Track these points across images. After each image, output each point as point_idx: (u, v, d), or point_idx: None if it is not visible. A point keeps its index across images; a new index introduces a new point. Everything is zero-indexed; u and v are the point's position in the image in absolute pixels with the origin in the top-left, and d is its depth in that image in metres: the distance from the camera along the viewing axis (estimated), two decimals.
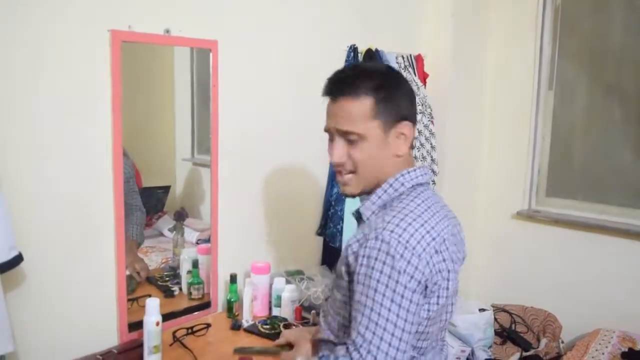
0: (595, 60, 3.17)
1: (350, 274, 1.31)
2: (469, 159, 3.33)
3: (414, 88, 2.79)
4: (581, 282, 3.11)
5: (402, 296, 1.21)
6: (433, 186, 2.90)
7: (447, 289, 1.30)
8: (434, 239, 1.27)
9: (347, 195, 1.43)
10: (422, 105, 2.83)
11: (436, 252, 1.27)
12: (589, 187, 3.20)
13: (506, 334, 2.98)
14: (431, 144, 2.86)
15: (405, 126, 1.35)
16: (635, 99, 3.01)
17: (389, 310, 1.21)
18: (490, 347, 2.84)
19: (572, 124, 3.25)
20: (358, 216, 1.41)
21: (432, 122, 2.88)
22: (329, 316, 1.42)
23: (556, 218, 3.20)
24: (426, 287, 1.25)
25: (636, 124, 3.00)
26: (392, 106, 1.34)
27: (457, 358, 2.73)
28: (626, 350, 2.62)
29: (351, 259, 1.30)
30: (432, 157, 2.86)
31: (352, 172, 1.37)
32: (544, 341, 2.92)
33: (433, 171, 2.86)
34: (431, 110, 2.88)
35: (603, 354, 2.62)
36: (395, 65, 2.77)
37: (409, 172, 1.36)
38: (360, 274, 1.26)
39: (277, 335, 2.02)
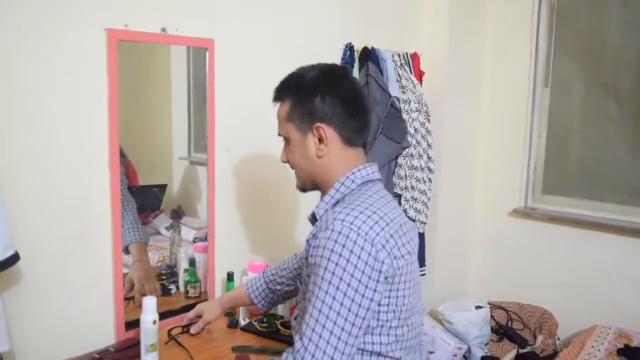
0: (591, 58, 3.18)
1: (307, 268, 1.33)
2: (465, 157, 3.33)
3: (410, 86, 2.80)
4: (577, 279, 3.12)
5: (356, 286, 1.22)
6: (430, 183, 2.91)
7: (410, 273, 1.33)
8: (387, 224, 1.29)
9: (299, 190, 1.55)
10: (419, 103, 2.83)
11: (391, 236, 1.29)
12: (585, 185, 3.21)
13: (502, 331, 2.99)
14: (427, 141, 2.86)
15: (318, 128, 1.38)
16: (630, 97, 3.02)
17: (341, 304, 1.22)
18: (486, 344, 2.85)
19: (568, 122, 3.26)
20: (312, 218, 1.45)
21: (428, 120, 2.88)
22: (299, 317, 1.43)
23: (552, 215, 3.21)
24: (380, 272, 1.25)
25: (632, 122, 3.01)
26: (305, 108, 1.40)
27: (453, 355, 2.74)
28: (622, 347, 2.63)
29: (306, 253, 1.33)
30: (428, 155, 2.86)
31: (294, 169, 1.50)
32: (540, 338, 2.93)
33: (429, 169, 2.86)
34: (427, 108, 2.88)
35: (599, 350, 2.63)
36: (391, 64, 2.77)
37: (359, 170, 1.40)
38: (311, 265, 1.28)
39: (274, 333, 2.03)
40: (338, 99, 1.40)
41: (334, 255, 1.23)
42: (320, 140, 1.40)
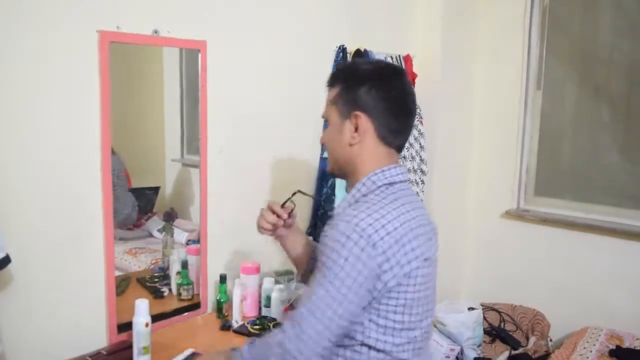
0: (583, 61, 3.20)
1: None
2: (457, 159, 3.34)
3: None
4: (569, 280, 3.13)
5: (350, 283, 1.26)
6: (422, 185, 2.92)
7: (422, 277, 1.34)
8: (395, 229, 1.30)
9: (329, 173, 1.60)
10: None
11: (396, 242, 1.30)
12: (577, 187, 3.23)
13: (495, 333, 3.00)
14: (420, 143, 2.87)
15: (356, 116, 1.40)
16: (622, 100, 3.04)
17: (337, 288, 1.26)
18: (479, 345, 2.86)
19: (560, 124, 3.28)
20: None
21: (421, 122, 2.89)
22: None
23: (544, 217, 3.22)
24: (379, 277, 1.28)
25: (623, 125, 3.03)
26: (351, 95, 1.42)
27: (446, 357, 2.74)
28: (614, 347, 2.65)
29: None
30: (421, 156, 2.87)
31: (327, 152, 1.52)
32: (532, 339, 2.95)
33: (422, 171, 2.87)
34: (420, 110, 2.89)
35: (591, 351, 2.65)
36: None
37: (382, 171, 1.41)
38: (318, 260, 1.33)
39: None
40: (384, 94, 1.41)
41: (334, 253, 1.27)
42: (356, 129, 1.41)
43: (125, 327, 1.91)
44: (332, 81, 1.49)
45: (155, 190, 2.41)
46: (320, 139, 1.56)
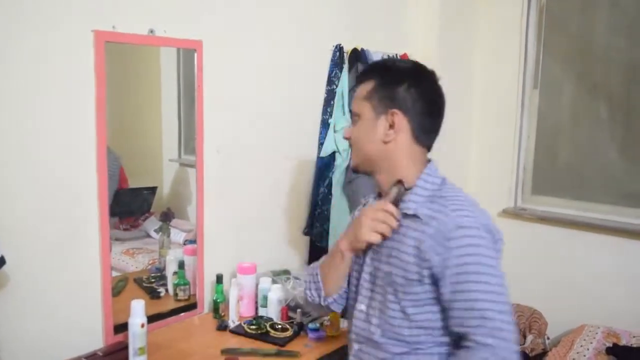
0: (580, 60, 3.19)
1: (428, 268, 1.30)
2: (455, 158, 3.34)
3: None
4: (566, 278, 3.14)
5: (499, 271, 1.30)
6: None
7: None
8: (488, 218, 1.37)
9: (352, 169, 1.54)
10: None
11: (489, 231, 1.34)
12: (574, 185, 3.23)
13: None
14: None
15: (394, 114, 1.38)
16: (619, 98, 3.04)
17: (501, 286, 1.28)
18: None
19: (557, 123, 3.28)
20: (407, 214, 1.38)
21: None
22: (373, 318, 1.40)
23: (542, 216, 3.22)
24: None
25: (621, 123, 3.03)
26: (388, 91, 1.40)
27: None
28: (611, 345, 2.65)
29: (426, 255, 1.29)
30: None
31: (352, 147, 1.48)
32: (530, 337, 2.95)
33: None
34: None
35: (588, 349, 2.65)
36: None
37: (432, 171, 1.45)
38: (456, 265, 1.27)
39: (263, 335, 2.03)
40: (422, 94, 1.41)
41: (481, 249, 1.28)
42: (391, 126, 1.40)
43: (122, 327, 1.91)
44: (365, 76, 1.46)
45: (153, 190, 2.40)
46: (345, 133, 1.50)
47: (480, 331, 1.24)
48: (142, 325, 1.73)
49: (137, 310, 1.73)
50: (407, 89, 1.39)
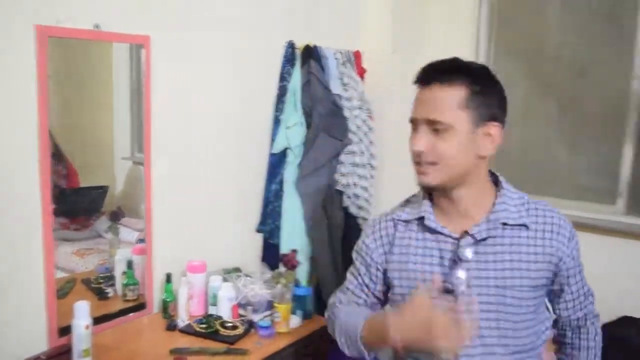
0: (531, 58, 3.25)
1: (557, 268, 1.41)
2: (408, 153, 3.36)
3: (352, 83, 2.82)
4: None
5: None
6: (372, 179, 2.93)
7: None
8: None
9: (424, 186, 1.36)
10: (361, 100, 2.85)
11: None
12: (526, 180, 3.29)
13: None
14: (369, 139, 2.89)
15: (494, 127, 1.30)
16: (569, 96, 3.11)
17: None
18: None
19: (510, 120, 3.32)
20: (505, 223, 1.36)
21: (370, 117, 2.90)
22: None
23: None
24: None
25: (571, 121, 3.11)
26: (485, 102, 1.28)
27: None
28: None
29: (561, 254, 1.38)
30: (370, 152, 2.88)
31: (433, 163, 1.30)
32: None
33: (371, 166, 2.88)
34: (369, 105, 2.90)
35: None
36: (334, 62, 2.77)
37: (501, 176, 1.46)
38: (573, 259, 1.41)
39: (212, 334, 2.02)
40: (504, 101, 1.36)
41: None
42: (491, 139, 1.31)
43: (69, 330, 1.86)
44: (446, 77, 1.28)
45: (104, 189, 2.36)
46: (417, 147, 1.31)
47: (592, 308, 1.52)
48: (87, 327, 1.70)
49: (81, 311, 1.70)
50: (502, 98, 1.34)
